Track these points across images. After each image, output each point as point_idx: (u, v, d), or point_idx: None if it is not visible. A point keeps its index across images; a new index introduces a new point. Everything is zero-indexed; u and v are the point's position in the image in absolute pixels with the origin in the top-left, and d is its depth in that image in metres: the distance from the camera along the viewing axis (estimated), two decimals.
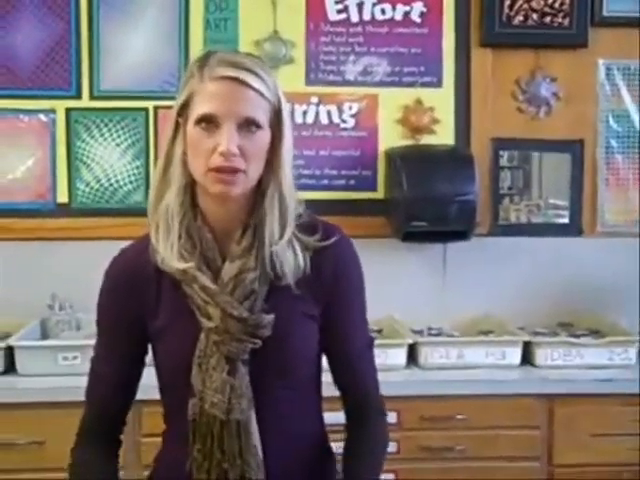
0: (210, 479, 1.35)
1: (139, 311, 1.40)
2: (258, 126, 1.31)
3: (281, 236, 1.35)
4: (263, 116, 1.31)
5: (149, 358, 1.46)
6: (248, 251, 1.35)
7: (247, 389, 1.34)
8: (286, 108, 1.36)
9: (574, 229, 3.01)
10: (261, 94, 1.31)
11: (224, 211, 1.36)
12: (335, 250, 1.41)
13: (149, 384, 1.47)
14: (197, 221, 1.36)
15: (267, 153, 1.34)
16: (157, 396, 1.47)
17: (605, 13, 2.94)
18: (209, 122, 1.29)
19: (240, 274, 1.33)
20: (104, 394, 1.44)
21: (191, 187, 1.36)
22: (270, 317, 1.34)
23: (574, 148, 2.99)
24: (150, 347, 1.44)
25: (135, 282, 1.39)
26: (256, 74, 1.31)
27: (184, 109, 1.33)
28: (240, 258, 1.35)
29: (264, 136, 1.33)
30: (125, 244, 1.48)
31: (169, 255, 1.34)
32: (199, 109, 1.30)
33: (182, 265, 1.34)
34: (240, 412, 1.33)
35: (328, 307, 1.41)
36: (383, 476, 2.38)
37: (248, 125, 1.30)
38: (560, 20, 2.94)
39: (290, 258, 1.36)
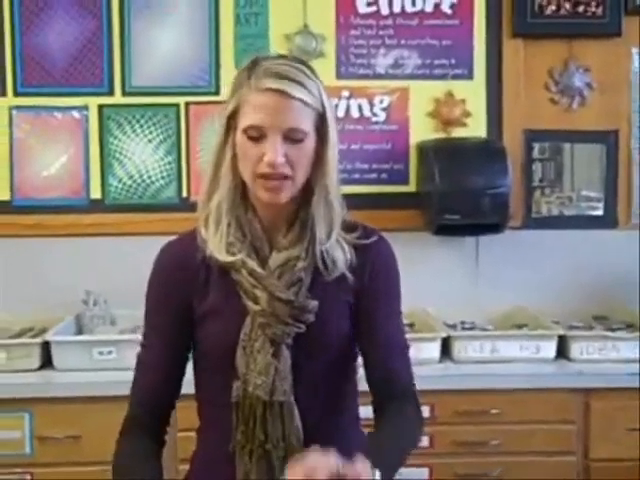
0: (252, 462, 1.39)
1: (188, 297, 1.43)
2: (303, 135, 1.36)
3: (329, 236, 1.41)
4: (308, 124, 1.36)
5: None
6: (295, 244, 1.41)
7: (289, 372, 1.39)
8: (331, 112, 1.40)
9: (609, 221, 2.97)
10: (305, 103, 1.35)
11: (273, 208, 1.42)
12: (377, 248, 1.47)
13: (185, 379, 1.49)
14: (248, 214, 1.42)
15: (314, 156, 1.39)
16: (192, 390, 1.49)
17: (639, 1, 2.89)
18: (256, 132, 1.35)
19: (288, 262, 1.40)
20: (152, 385, 1.45)
21: (242, 185, 1.42)
22: (315, 303, 1.40)
23: (608, 139, 2.95)
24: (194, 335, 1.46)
25: (185, 270, 1.43)
26: (300, 83, 1.35)
27: (233, 116, 1.38)
28: (287, 249, 1.41)
29: (309, 143, 1.38)
30: (156, 239, 1.53)
31: (218, 247, 1.40)
32: (246, 120, 1.36)
33: (230, 258, 1.39)
34: (283, 394, 1.38)
35: (366, 302, 1.45)
36: (418, 471, 2.41)
37: (293, 135, 1.35)
38: (593, 9, 2.90)
39: (340, 254, 1.42)
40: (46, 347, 2.52)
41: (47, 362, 2.53)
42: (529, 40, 2.93)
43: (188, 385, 1.50)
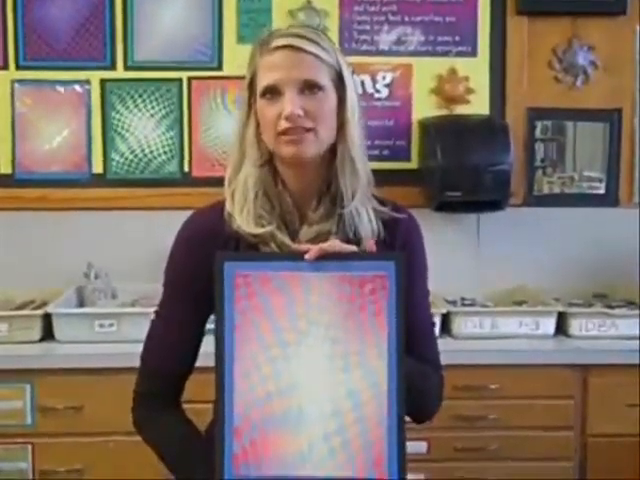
0: None
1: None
2: (320, 88, 1.34)
3: (353, 196, 1.38)
4: (324, 78, 1.35)
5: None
6: (326, 218, 1.39)
7: None
8: (348, 71, 1.39)
9: (610, 199, 2.97)
10: (318, 57, 1.34)
11: (301, 178, 1.39)
12: (409, 224, 1.46)
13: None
14: (277, 187, 1.40)
15: (336, 117, 1.37)
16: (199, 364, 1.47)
17: None
18: (273, 93, 1.34)
19: (319, 236, 1.37)
20: (167, 354, 1.43)
21: (270, 160, 1.40)
22: None
23: (612, 117, 2.95)
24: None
25: (213, 242, 1.39)
26: (310, 39, 1.34)
27: (251, 87, 1.38)
28: (318, 223, 1.39)
29: (328, 97, 1.36)
30: (158, 214, 1.51)
31: (246, 220, 1.38)
32: (262, 82, 1.35)
33: (259, 230, 1.37)
34: None
35: None
36: (416, 445, 2.43)
37: (310, 88, 1.33)
38: None
39: (366, 222, 1.40)
40: (47, 319, 2.54)
41: (48, 334, 2.54)
42: (533, 17, 2.91)
43: (202, 357, 1.46)
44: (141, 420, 1.44)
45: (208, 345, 1.43)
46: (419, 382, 1.39)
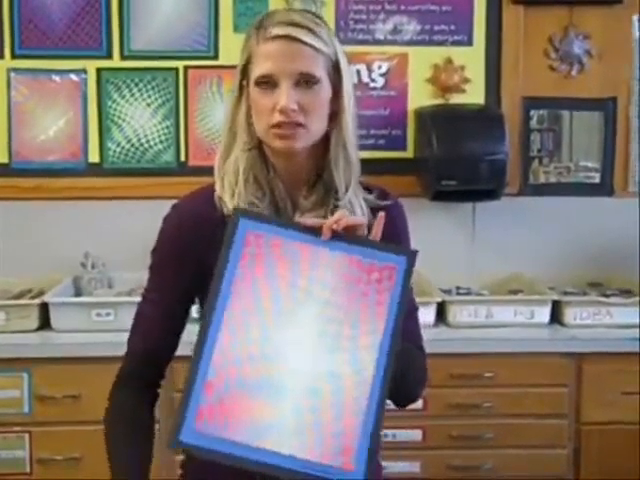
0: None
1: (202, 254, 1.38)
2: (315, 80, 1.33)
3: (346, 188, 1.38)
4: (320, 70, 1.33)
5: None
6: (319, 205, 1.38)
7: None
8: (344, 60, 1.37)
9: (605, 189, 2.98)
10: (315, 48, 1.32)
11: (291, 165, 1.39)
12: (394, 211, 1.45)
13: (183, 340, 1.47)
14: (269, 174, 1.39)
15: (330, 106, 1.36)
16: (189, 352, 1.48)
17: None
18: (267, 82, 1.33)
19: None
20: (152, 338, 1.43)
21: (259, 145, 1.39)
22: None
23: (607, 106, 2.96)
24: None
25: (201, 227, 1.39)
26: (308, 29, 1.32)
27: (245, 72, 1.37)
28: (310, 211, 1.38)
29: (323, 90, 1.35)
30: (154, 203, 1.50)
31: (236, 204, 1.36)
32: (257, 71, 1.33)
33: None
34: None
35: None
36: (411, 433, 2.45)
37: (305, 80, 1.32)
38: None
39: (359, 213, 1.39)
40: (45, 309, 2.55)
41: (45, 323, 2.55)
42: (529, 6, 2.91)
43: (187, 346, 1.43)
44: (110, 395, 1.44)
45: (190, 334, 1.41)
46: (410, 368, 1.39)
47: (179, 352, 1.50)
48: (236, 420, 1.19)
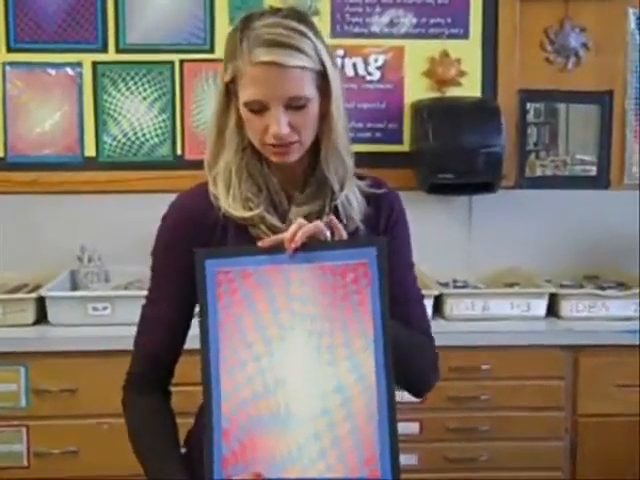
0: None
1: None
2: (305, 100, 1.33)
3: (342, 187, 1.40)
4: (309, 88, 1.33)
5: None
6: (314, 198, 1.39)
7: None
8: (331, 65, 1.36)
9: (601, 182, 2.99)
10: (303, 68, 1.31)
11: (284, 166, 1.39)
12: (390, 199, 1.46)
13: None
14: (263, 169, 1.39)
15: (319, 113, 1.36)
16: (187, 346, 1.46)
17: None
18: (257, 106, 1.32)
19: (310, 217, 1.35)
20: (159, 340, 1.43)
21: (251, 143, 1.39)
22: None
23: (603, 99, 2.96)
24: None
25: (199, 226, 1.39)
26: (295, 48, 1.30)
27: (233, 81, 1.35)
28: (306, 204, 1.39)
29: (313, 106, 1.34)
30: (150, 197, 1.51)
31: (233, 204, 1.37)
32: (245, 94, 1.32)
33: (248, 213, 1.37)
34: None
35: None
36: (408, 425, 2.45)
37: (295, 103, 1.32)
38: None
39: (356, 206, 1.41)
40: (41, 302, 2.55)
41: (42, 317, 2.55)
42: None
43: (190, 340, 1.45)
44: (127, 402, 1.45)
45: (196, 328, 1.41)
46: (417, 355, 1.39)
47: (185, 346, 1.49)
48: (259, 458, 1.21)
